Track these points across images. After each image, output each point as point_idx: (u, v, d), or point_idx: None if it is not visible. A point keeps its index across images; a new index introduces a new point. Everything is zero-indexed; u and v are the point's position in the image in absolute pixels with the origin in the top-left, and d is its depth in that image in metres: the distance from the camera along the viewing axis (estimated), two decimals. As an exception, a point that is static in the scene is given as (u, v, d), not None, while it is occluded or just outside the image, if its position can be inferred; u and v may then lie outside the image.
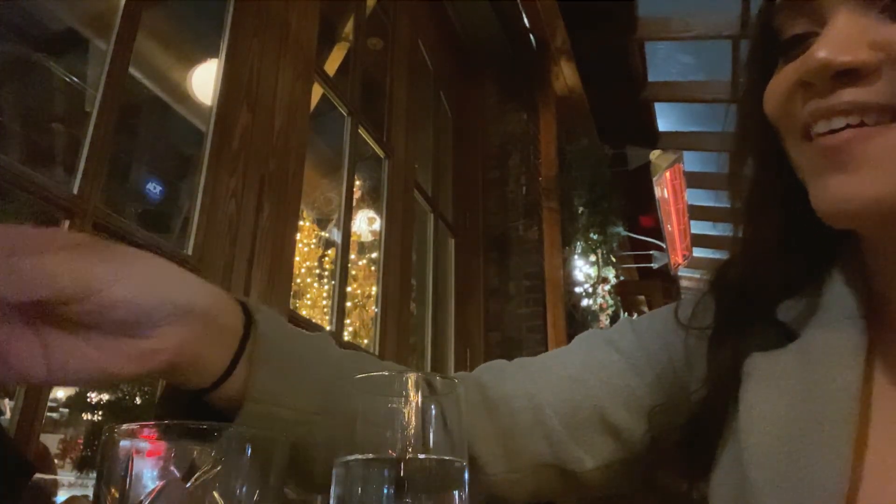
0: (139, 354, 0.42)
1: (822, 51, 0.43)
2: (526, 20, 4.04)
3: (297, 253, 3.05)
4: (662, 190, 5.76)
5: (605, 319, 4.73)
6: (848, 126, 0.43)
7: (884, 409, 0.48)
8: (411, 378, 0.44)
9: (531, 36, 4.16)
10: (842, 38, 0.43)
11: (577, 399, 0.60)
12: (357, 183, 3.39)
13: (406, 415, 0.43)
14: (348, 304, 4.20)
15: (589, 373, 0.61)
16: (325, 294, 5.04)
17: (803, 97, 0.46)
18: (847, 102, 0.43)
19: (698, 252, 7.21)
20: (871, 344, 0.49)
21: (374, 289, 4.73)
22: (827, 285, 0.52)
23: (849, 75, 0.43)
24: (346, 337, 2.77)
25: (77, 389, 7.16)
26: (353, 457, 0.43)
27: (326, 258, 5.19)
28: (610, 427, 0.59)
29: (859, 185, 0.43)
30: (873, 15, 0.43)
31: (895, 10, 0.43)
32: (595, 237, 4.60)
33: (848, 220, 0.46)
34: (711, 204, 6.78)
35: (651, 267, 6.73)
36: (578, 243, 4.50)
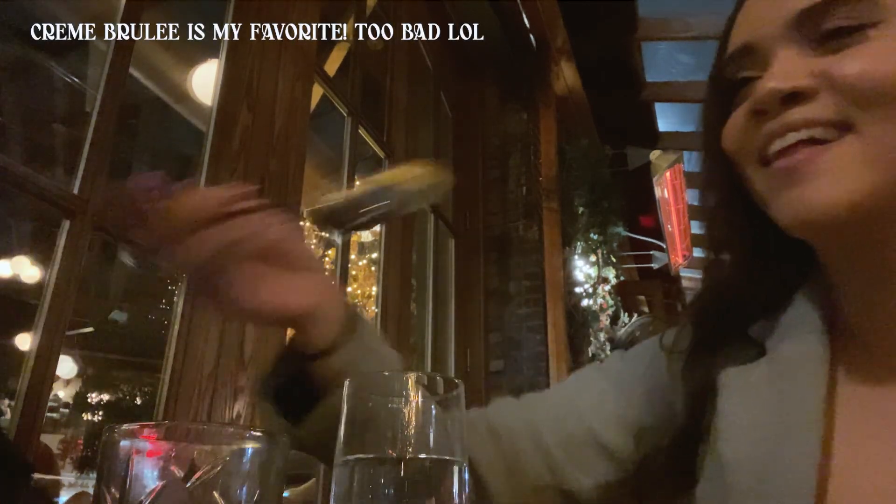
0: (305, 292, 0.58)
1: (771, 81, 0.51)
2: (526, 20, 4.04)
3: (297, 253, 3.04)
4: (662, 190, 5.76)
5: (605, 319, 4.73)
6: (800, 143, 0.50)
7: (847, 413, 0.53)
8: (411, 378, 0.44)
9: (531, 36, 4.15)
10: (785, 71, 0.51)
11: (571, 424, 0.66)
12: (357, 183, 3.38)
13: (406, 415, 0.43)
14: (348, 304, 4.19)
15: (582, 399, 0.68)
16: (325, 294, 5.04)
17: (757, 125, 0.53)
18: (795, 120, 0.50)
19: (698, 252, 7.21)
20: (835, 354, 0.55)
21: (374, 289, 4.73)
22: (794, 303, 0.58)
23: (794, 99, 0.50)
24: (346, 337, 2.76)
25: (76, 389, 7.14)
26: (353, 457, 0.43)
27: (326, 258, 5.18)
28: (603, 449, 0.65)
29: (816, 194, 0.49)
30: (807, 52, 0.52)
31: (824, 48, 0.51)
32: (595, 237, 4.60)
33: (809, 228, 0.52)
34: (711, 204, 6.76)
35: (651, 267, 6.73)
36: (578, 243, 4.50)
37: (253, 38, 1.96)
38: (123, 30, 1.61)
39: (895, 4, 0.50)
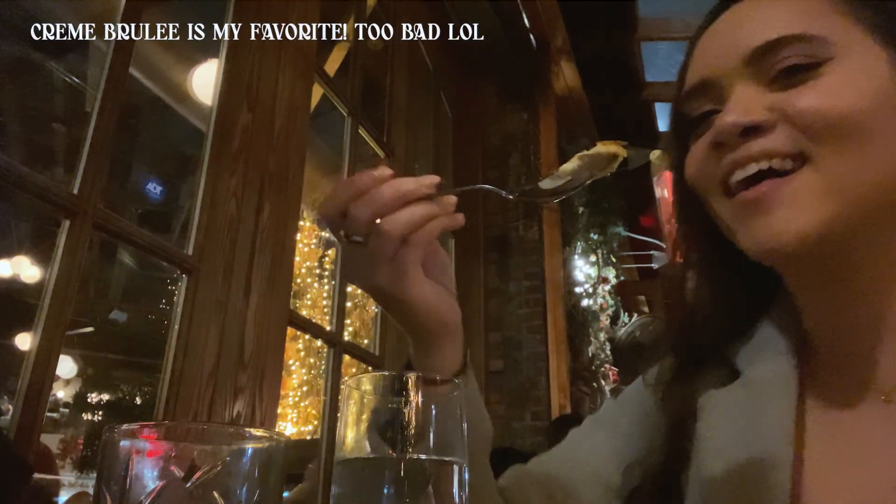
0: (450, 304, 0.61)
1: (730, 115, 0.54)
2: (526, 20, 4.04)
3: (297, 253, 3.05)
4: (662, 190, 5.75)
5: (605, 319, 4.73)
6: (760, 172, 0.53)
7: (818, 431, 0.56)
8: (411, 378, 0.44)
9: (531, 36, 4.16)
10: (743, 105, 0.54)
11: (573, 475, 0.69)
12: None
13: (406, 415, 0.43)
14: (348, 304, 4.20)
15: (581, 449, 0.71)
16: (325, 294, 5.04)
17: (718, 156, 0.55)
18: (756, 152, 0.53)
19: (698, 252, 7.20)
20: (804, 375, 0.58)
21: (374, 289, 4.72)
22: (764, 325, 0.61)
23: (753, 132, 0.53)
24: (347, 337, 2.77)
25: (76, 389, 7.14)
26: (353, 457, 0.43)
27: (326, 258, 5.19)
28: (606, 486, 0.68)
29: (779, 224, 0.52)
30: (763, 87, 0.54)
31: (779, 84, 0.53)
32: (595, 237, 4.60)
33: (774, 257, 0.54)
34: (711, 204, 6.76)
35: (651, 267, 6.72)
36: (578, 243, 4.51)
37: (253, 38, 1.96)
38: (123, 30, 1.61)
39: (844, 42, 0.53)
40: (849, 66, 0.52)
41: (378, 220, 0.53)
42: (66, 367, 6.84)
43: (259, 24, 1.99)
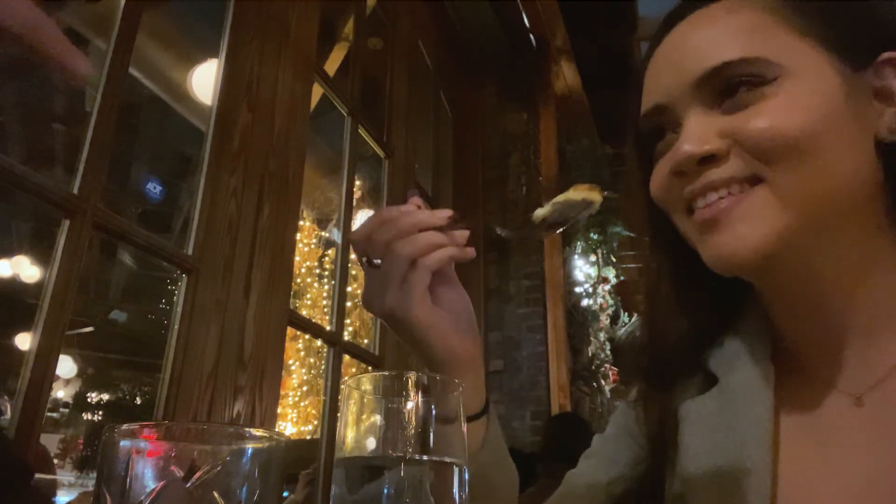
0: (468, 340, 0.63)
1: (685, 145, 0.55)
2: (526, 20, 4.04)
3: (297, 253, 3.05)
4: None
5: (605, 319, 4.73)
6: (720, 198, 0.54)
7: (792, 434, 0.58)
8: (411, 378, 0.44)
9: (531, 36, 4.16)
10: (697, 134, 0.55)
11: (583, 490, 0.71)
12: (357, 183, 3.39)
13: (406, 415, 0.43)
14: (348, 304, 4.19)
15: (573, 485, 0.72)
16: (325, 294, 5.05)
17: (679, 183, 0.57)
18: (713, 181, 0.55)
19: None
20: (778, 378, 0.59)
21: (374, 289, 4.72)
22: (739, 332, 0.63)
23: (709, 160, 0.55)
24: (347, 337, 2.77)
25: (76, 389, 7.14)
26: (353, 457, 0.43)
27: (326, 258, 5.19)
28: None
29: (738, 240, 0.53)
30: (714, 111, 0.55)
31: (728, 106, 0.55)
32: (595, 237, 4.60)
33: (736, 269, 0.56)
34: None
35: (651, 267, 6.71)
36: (578, 243, 4.50)
37: (253, 38, 1.96)
38: (124, 29, 1.61)
39: (791, 58, 0.54)
40: (797, 83, 0.53)
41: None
42: (66, 367, 6.84)
43: (259, 24, 1.99)
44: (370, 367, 2.64)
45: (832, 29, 0.55)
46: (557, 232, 0.66)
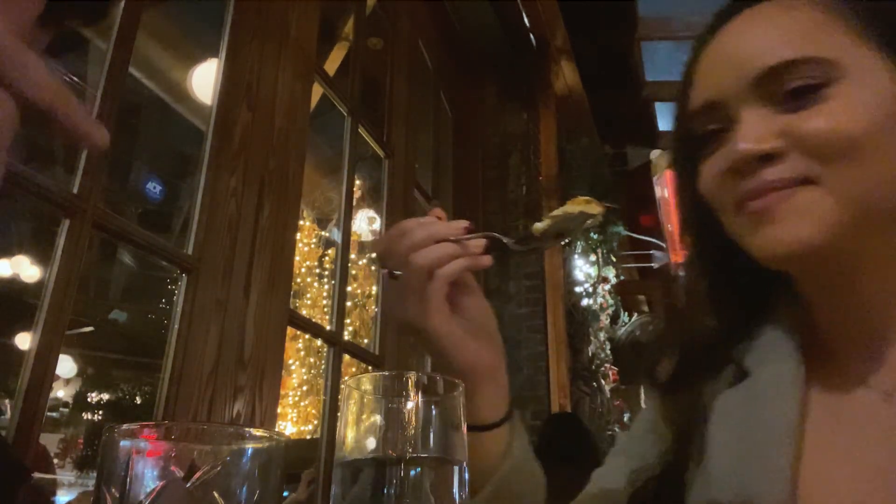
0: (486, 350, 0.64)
1: (743, 143, 0.55)
2: (526, 20, 4.04)
3: (297, 253, 3.05)
4: (663, 189, 5.75)
5: (605, 319, 4.73)
6: (773, 191, 0.54)
7: (819, 426, 0.57)
8: (411, 378, 0.44)
9: (531, 36, 4.16)
10: (755, 132, 0.55)
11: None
12: (357, 183, 3.39)
13: (406, 415, 0.43)
14: (348, 303, 4.20)
15: (597, 484, 0.72)
16: (325, 294, 5.05)
17: (734, 181, 0.57)
18: (770, 181, 0.55)
19: (698, 252, 7.19)
20: (810, 374, 0.59)
21: (374, 289, 4.73)
22: (771, 325, 0.63)
23: (767, 159, 0.55)
24: (347, 337, 2.77)
25: (76, 389, 7.14)
26: (353, 457, 0.43)
27: (326, 258, 5.19)
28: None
29: (789, 232, 0.54)
30: (771, 110, 0.55)
31: (787, 107, 0.54)
32: (595, 237, 4.60)
33: (785, 262, 0.57)
34: (711, 204, 6.76)
35: (651, 266, 6.72)
36: (578, 243, 4.50)
37: (253, 38, 1.96)
38: (124, 29, 1.61)
39: (852, 61, 0.54)
40: (856, 86, 0.53)
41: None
42: (66, 366, 6.84)
43: (259, 24, 1.99)
44: (370, 367, 2.64)
45: (887, 30, 0.55)
46: (562, 243, 0.68)
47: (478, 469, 0.60)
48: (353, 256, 4.60)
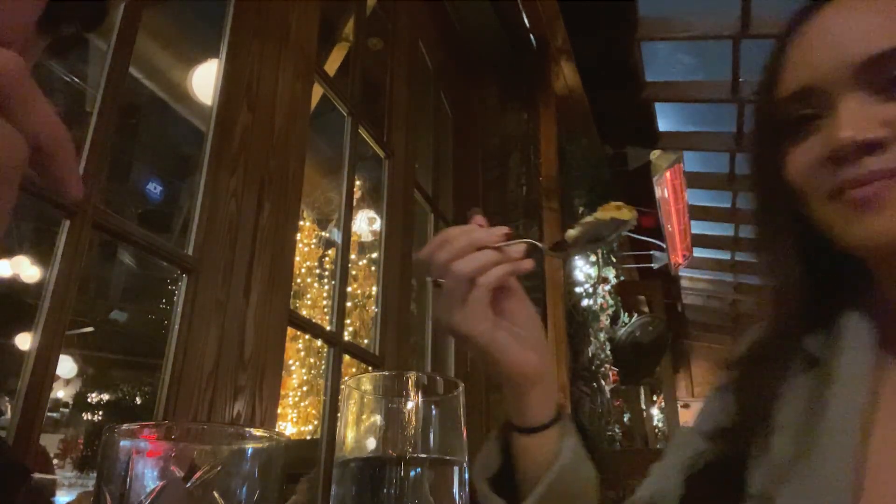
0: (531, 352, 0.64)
1: (846, 131, 0.54)
2: (526, 20, 4.04)
3: (297, 253, 3.05)
4: (662, 190, 5.75)
5: (605, 319, 4.73)
6: (874, 180, 0.54)
7: (887, 421, 0.57)
8: (411, 378, 0.44)
9: (531, 36, 4.15)
10: (858, 119, 0.54)
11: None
12: (357, 183, 3.39)
13: (406, 415, 0.43)
14: (348, 304, 4.20)
15: (654, 476, 0.72)
16: (325, 294, 5.05)
17: (831, 168, 0.56)
18: (872, 171, 0.54)
19: (698, 252, 7.21)
20: (883, 365, 0.59)
21: (374, 289, 4.73)
22: (846, 317, 0.62)
23: (869, 148, 0.54)
24: (347, 337, 2.77)
25: (76, 389, 7.13)
26: (353, 457, 0.43)
27: (326, 258, 5.19)
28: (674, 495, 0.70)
29: (887, 223, 0.53)
30: (872, 98, 0.54)
31: (888, 95, 0.54)
32: (595, 237, 4.59)
33: (884, 252, 0.56)
34: (711, 204, 6.78)
35: (651, 267, 6.73)
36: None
37: (253, 38, 1.96)
38: (124, 29, 1.61)
39: None
40: None
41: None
42: (66, 367, 6.84)
43: (259, 24, 1.99)
44: (370, 367, 2.64)
45: None
46: (597, 250, 0.68)
47: (529, 471, 0.61)
48: (353, 257, 4.60)
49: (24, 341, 5.61)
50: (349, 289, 4.41)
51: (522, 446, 0.63)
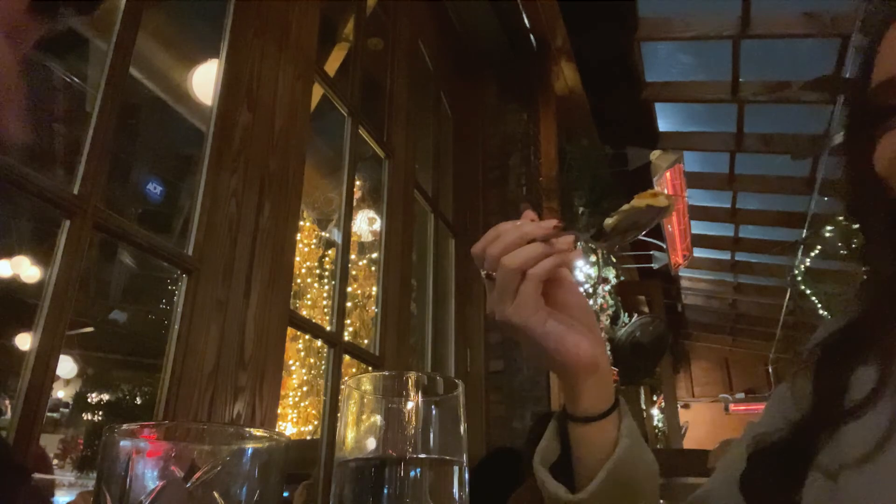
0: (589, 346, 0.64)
1: None
2: (526, 20, 4.04)
3: (297, 253, 3.05)
4: (663, 190, 5.75)
5: (605, 319, 4.73)
6: None
7: None
8: (411, 378, 0.44)
9: (531, 36, 4.16)
10: None
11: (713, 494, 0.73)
12: (357, 183, 3.39)
13: (406, 415, 0.43)
14: (348, 304, 4.19)
15: (722, 471, 0.72)
16: (325, 294, 5.04)
17: None
18: None
19: (698, 252, 7.21)
20: None
21: (374, 289, 4.73)
22: None
23: None
24: (347, 337, 2.77)
25: (76, 389, 7.14)
26: (353, 457, 0.43)
27: (326, 258, 5.18)
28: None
29: None
30: None
31: None
32: (595, 237, 4.60)
33: None
34: (711, 204, 6.78)
35: (651, 267, 6.73)
36: (578, 243, 4.50)
37: (253, 38, 1.96)
38: (124, 29, 1.61)
39: None
40: None
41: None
42: (66, 367, 6.84)
43: (259, 24, 1.99)
44: (370, 367, 2.64)
45: None
46: (635, 237, 0.69)
47: (588, 461, 0.62)
48: (353, 257, 4.60)
49: (24, 341, 5.61)
50: (349, 289, 4.41)
51: (580, 435, 0.64)
